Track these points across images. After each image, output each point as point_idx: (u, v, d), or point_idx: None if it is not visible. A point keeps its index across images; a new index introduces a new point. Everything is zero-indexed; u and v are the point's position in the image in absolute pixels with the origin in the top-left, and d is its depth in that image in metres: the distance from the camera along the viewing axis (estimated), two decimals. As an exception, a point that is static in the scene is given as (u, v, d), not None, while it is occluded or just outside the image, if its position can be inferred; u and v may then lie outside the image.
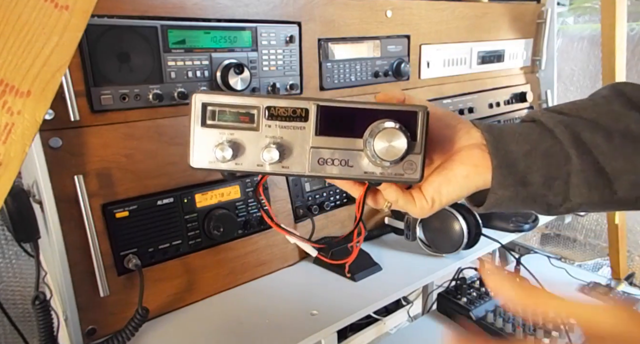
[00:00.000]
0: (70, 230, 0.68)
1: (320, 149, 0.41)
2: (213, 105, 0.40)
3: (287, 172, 0.41)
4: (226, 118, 0.40)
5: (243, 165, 0.41)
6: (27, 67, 0.48)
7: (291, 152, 0.41)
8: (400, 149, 0.39)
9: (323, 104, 0.40)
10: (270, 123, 0.40)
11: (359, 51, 1.03)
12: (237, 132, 0.40)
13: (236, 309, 0.81)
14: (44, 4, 0.47)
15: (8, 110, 0.48)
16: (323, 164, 0.41)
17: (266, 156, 0.40)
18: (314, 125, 0.40)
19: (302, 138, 0.40)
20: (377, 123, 0.39)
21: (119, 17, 0.71)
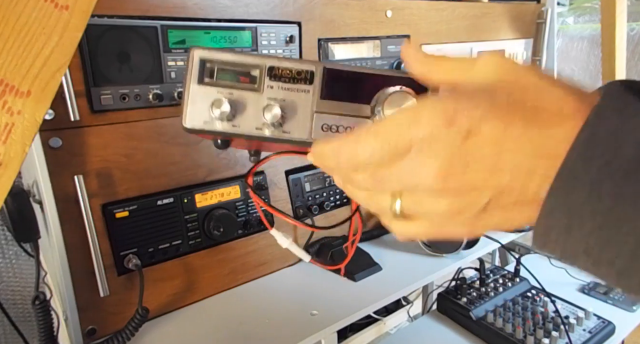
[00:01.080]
0: (70, 230, 0.68)
1: (324, 114, 0.38)
2: (212, 62, 0.37)
3: (288, 138, 0.38)
4: (225, 77, 0.37)
5: (241, 127, 0.38)
6: (27, 67, 0.48)
7: (293, 116, 0.38)
8: None
9: (330, 66, 0.38)
10: (273, 84, 0.38)
11: (359, 51, 1.03)
12: (236, 92, 0.37)
13: (236, 309, 0.81)
14: (44, 4, 0.47)
15: (8, 110, 0.48)
16: (327, 130, 0.38)
17: (268, 115, 0.37)
18: (319, 88, 0.38)
19: (305, 102, 0.38)
20: (386, 88, 0.38)
21: (119, 17, 0.71)
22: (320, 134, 0.38)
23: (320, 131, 0.38)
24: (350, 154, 0.30)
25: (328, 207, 0.99)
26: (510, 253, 1.22)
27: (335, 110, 0.38)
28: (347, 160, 0.31)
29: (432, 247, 0.97)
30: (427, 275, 0.91)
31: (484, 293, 1.17)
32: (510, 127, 0.26)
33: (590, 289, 1.31)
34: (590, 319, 1.12)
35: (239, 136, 0.38)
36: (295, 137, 0.38)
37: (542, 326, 1.06)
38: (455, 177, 0.27)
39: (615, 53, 1.32)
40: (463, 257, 0.98)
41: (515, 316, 1.09)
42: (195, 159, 0.81)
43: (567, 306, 1.17)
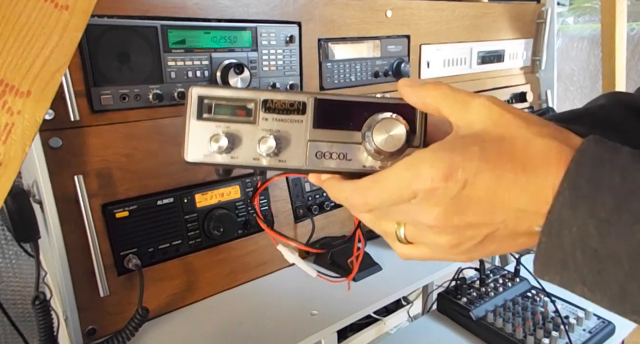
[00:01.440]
0: (70, 230, 0.68)
1: (318, 142, 0.40)
2: (209, 98, 0.39)
3: (284, 167, 0.40)
4: (223, 111, 0.39)
5: (239, 159, 0.40)
6: (27, 67, 0.48)
7: (288, 145, 0.40)
8: (400, 137, 0.38)
9: (320, 97, 0.40)
10: (267, 116, 0.40)
11: (359, 51, 1.03)
12: (233, 125, 0.40)
13: (236, 309, 0.81)
14: (44, 4, 0.47)
15: (8, 110, 0.48)
16: (321, 157, 0.40)
17: (263, 147, 0.39)
18: (311, 118, 0.40)
19: (299, 131, 0.40)
20: (376, 115, 0.39)
21: (119, 17, 0.71)
22: (314, 161, 0.40)
23: (315, 158, 0.40)
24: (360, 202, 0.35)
25: (328, 207, 0.99)
26: (510, 253, 1.22)
27: (327, 138, 0.40)
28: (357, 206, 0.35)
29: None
30: (427, 275, 0.91)
31: (484, 293, 1.17)
32: (502, 178, 0.29)
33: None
34: (590, 319, 1.12)
35: (237, 166, 0.40)
36: (291, 166, 0.40)
37: (542, 326, 1.06)
38: (453, 220, 0.31)
39: (615, 53, 1.32)
40: (463, 257, 0.98)
41: (515, 316, 1.09)
42: (195, 159, 0.81)
43: (567, 306, 1.17)
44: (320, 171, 0.41)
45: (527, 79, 1.49)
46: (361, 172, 0.41)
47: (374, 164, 0.40)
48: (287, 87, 0.91)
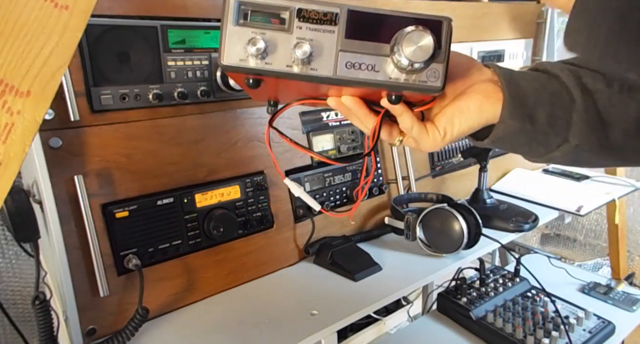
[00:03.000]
0: (70, 230, 0.68)
1: (348, 52, 0.41)
2: (246, 4, 0.40)
3: (315, 75, 0.42)
4: (258, 19, 0.41)
5: (273, 64, 0.41)
6: (27, 67, 0.48)
7: (320, 54, 0.41)
8: (428, 48, 0.40)
9: (353, 8, 0.41)
10: (301, 25, 0.41)
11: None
12: (268, 32, 0.41)
13: (236, 309, 0.81)
14: (44, 4, 0.47)
15: (8, 110, 0.48)
16: (350, 67, 0.42)
17: (298, 52, 0.40)
18: (343, 28, 0.41)
19: (331, 41, 0.41)
20: (404, 28, 0.40)
21: (119, 17, 0.71)
22: (344, 71, 0.42)
23: (344, 68, 0.42)
24: None
25: (328, 207, 0.99)
26: (510, 253, 1.22)
27: (358, 49, 0.42)
28: None
29: (432, 247, 0.97)
30: (427, 275, 0.91)
31: (484, 293, 1.17)
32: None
33: (590, 289, 1.31)
34: (590, 319, 1.12)
35: (270, 73, 0.42)
36: (322, 74, 0.42)
37: (542, 326, 1.06)
38: None
39: (615, 53, 1.32)
40: (463, 257, 0.98)
41: (515, 316, 1.09)
42: (195, 159, 0.81)
43: (567, 306, 1.17)
44: (348, 80, 0.42)
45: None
46: (387, 84, 0.43)
47: (399, 77, 0.42)
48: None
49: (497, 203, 1.15)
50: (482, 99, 0.46)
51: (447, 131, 0.47)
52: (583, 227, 2.10)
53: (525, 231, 1.09)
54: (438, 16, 0.42)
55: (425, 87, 0.42)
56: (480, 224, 0.95)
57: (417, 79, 0.42)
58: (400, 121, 0.47)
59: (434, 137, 0.47)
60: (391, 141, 0.50)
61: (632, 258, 1.90)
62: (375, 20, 0.41)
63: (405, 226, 0.98)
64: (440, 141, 0.47)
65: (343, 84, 0.43)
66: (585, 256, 2.11)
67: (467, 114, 0.46)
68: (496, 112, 0.46)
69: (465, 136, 0.49)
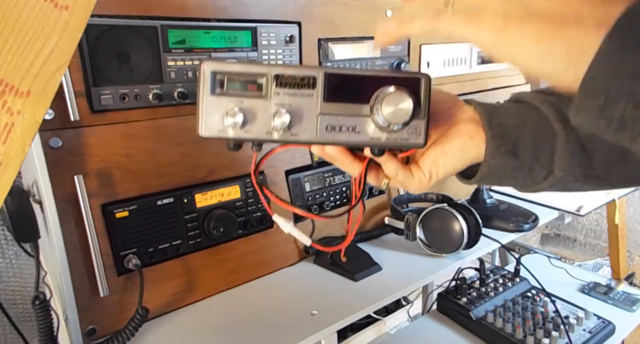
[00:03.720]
0: (70, 230, 0.68)
1: (328, 115, 0.41)
2: (222, 73, 0.40)
3: (296, 140, 0.42)
4: (235, 86, 0.40)
5: (252, 133, 0.41)
6: (27, 67, 0.48)
7: (300, 120, 0.41)
8: (407, 110, 0.40)
9: (330, 71, 0.41)
10: (279, 91, 0.40)
11: (359, 51, 1.03)
12: (246, 100, 0.40)
13: (236, 309, 0.81)
14: (44, 4, 0.47)
15: (8, 110, 0.48)
16: (331, 130, 0.42)
17: (277, 121, 0.40)
18: (321, 92, 0.41)
19: (310, 105, 0.41)
20: (384, 88, 0.40)
21: (119, 17, 0.71)
22: (325, 134, 0.42)
23: (325, 131, 0.42)
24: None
25: (328, 207, 0.99)
26: (510, 253, 1.22)
27: (337, 111, 0.41)
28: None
29: (432, 247, 0.97)
30: (427, 275, 0.91)
31: (484, 293, 1.17)
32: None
33: (590, 289, 1.31)
34: (590, 319, 1.12)
35: (250, 140, 0.41)
36: (303, 139, 0.42)
37: (542, 326, 1.06)
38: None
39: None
40: (463, 257, 0.98)
41: (515, 316, 1.09)
42: (195, 159, 0.81)
43: (567, 306, 1.17)
44: (330, 143, 0.42)
45: (527, 79, 1.49)
46: (368, 144, 0.43)
47: (380, 136, 0.42)
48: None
49: (497, 203, 1.16)
50: (465, 141, 0.46)
51: (432, 174, 0.47)
52: (583, 227, 2.10)
53: (525, 231, 1.09)
54: (416, 73, 0.42)
55: (407, 144, 0.42)
56: (480, 224, 0.95)
57: (398, 137, 0.42)
58: (384, 167, 0.47)
59: (419, 180, 0.47)
60: (378, 185, 0.50)
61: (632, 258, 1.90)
62: (353, 82, 0.41)
63: (405, 226, 0.98)
64: (427, 183, 0.48)
65: (325, 145, 0.43)
66: (585, 256, 2.11)
67: (451, 156, 0.46)
68: (480, 152, 0.46)
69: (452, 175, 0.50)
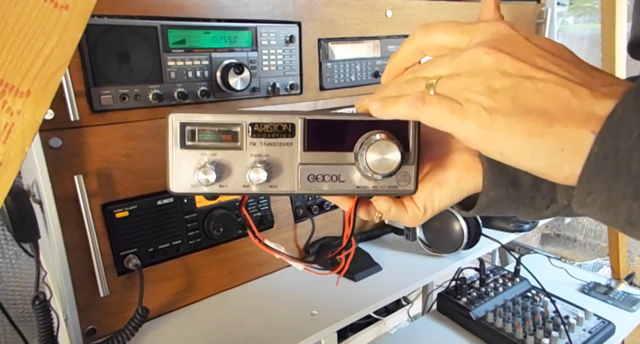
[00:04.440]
0: (70, 230, 0.68)
1: (309, 165, 0.38)
2: (192, 124, 0.37)
3: (275, 192, 0.39)
4: (207, 138, 0.37)
5: (228, 187, 0.38)
6: (27, 67, 0.48)
7: (279, 171, 0.38)
8: (394, 161, 0.37)
9: (310, 117, 0.38)
10: (255, 140, 0.37)
11: (359, 51, 1.03)
12: (219, 152, 0.37)
13: (236, 309, 0.81)
14: (44, 4, 0.47)
15: (8, 110, 0.48)
16: (313, 180, 0.39)
17: (253, 177, 0.37)
18: (301, 140, 0.38)
19: (289, 155, 0.38)
20: (368, 135, 0.38)
21: (119, 17, 0.71)
22: (306, 184, 0.39)
23: (307, 182, 0.39)
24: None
25: (328, 207, 0.99)
26: (510, 253, 1.22)
27: (319, 160, 0.38)
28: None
29: (432, 247, 0.97)
30: (427, 275, 0.91)
31: (484, 293, 1.17)
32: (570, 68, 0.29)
33: (590, 289, 1.31)
34: (590, 319, 1.12)
35: (226, 194, 0.39)
36: (283, 191, 0.39)
37: (542, 326, 1.06)
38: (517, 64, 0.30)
39: (615, 53, 1.32)
40: (463, 257, 0.98)
41: (515, 316, 1.09)
42: (195, 159, 0.81)
43: (567, 306, 1.17)
44: (313, 193, 0.40)
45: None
46: (354, 193, 0.40)
47: (367, 184, 0.39)
48: (287, 87, 0.91)
49: (497, 203, 1.15)
50: (461, 172, 0.43)
51: (427, 207, 0.44)
52: (583, 227, 2.10)
53: (525, 231, 1.09)
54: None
55: (396, 192, 0.40)
56: (480, 224, 0.95)
57: (386, 185, 0.39)
58: (375, 205, 0.45)
59: (414, 215, 0.44)
60: (370, 219, 0.47)
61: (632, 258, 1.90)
62: (334, 128, 0.38)
63: (405, 226, 0.98)
64: (422, 217, 0.45)
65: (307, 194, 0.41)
66: (585, 256, 2.11)
67: (447, 189, 0.43)
68: (477, 183, 0.43)
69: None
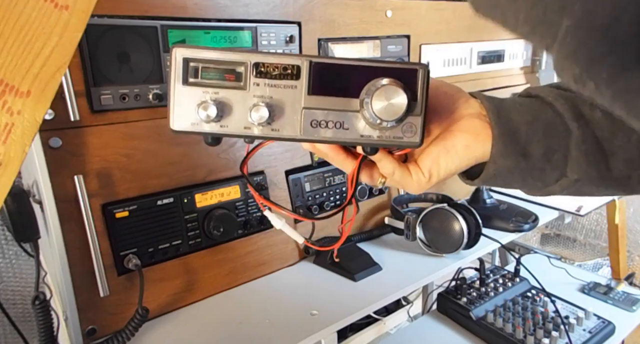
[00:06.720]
0: (70, 230, 0.68)
1: (313, 110, 0.37)
2: (195, 61, 0.36)
3: (277, 136, 0.38)
4: (210, 76, 0.36)
5: (229, 127, 0.37)
6: (27, 67, 0.48)
7: (282, 114, 0.37)
8: (401, 106, 0.36)
9: (316, 60, 0.37)
10: (259, 81, 0.36)
11: (359, 51, 1.03)
12: (222, 91, 0.37)
13: (236, 309, 0.81)
14: (44, 4, 0.47)
15: (8, 110, 0.48)
16: (316, 126, 0.38)
17: (254, 116, 0.36)
18: (306, 83, 0.37)
19: (293, 98, 0.37)
20: (375, 80, 0.36)
21: (119, 17, 0.71)
22: (310, 130, 0.38)
23: (310, 127, 0.38)
24: None
25: (328, 207, 0.99)
26: (510, 253, 1.22)
27: (324, 105, 0.37)
28: None
29: (432, 247, 0.97)
30: (427, 275, 0.91)
31: (484, 293, 1.17)
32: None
33: (590, 289, 1.31)
34: (590, 319, 1.12)
35: (227, 136, 0.38)
36: (285, 135, 0.38)
37: (542, 326, 1.06)
38: None
39: None
40: (463, 257, 0.98)
41: (515, 316, 1.09)
42: (195, 159, 0.81)
43: (567, 306, 1.17)
44: (315, 140, 0.39)
45: (528, 79, 1.49)
46: (358, 142, 0.39)
47: (371, 133, 0.38)
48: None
49: (497, 203, 1.16)
50: (470, 138, 0.42)
51: (432, 173, 0.43)
52: (583, 227, 2.10)
53: (525, 231, 1.09)
54: (413, 64, 0.38)
55: (401, 143, 0.39)
56: (480, 224, 0.95)
57: (391, 135, 0.38)
58: (380, 166, 0.44)
59: (418, 180, 0.43)
60: (373, 184, 0.46)
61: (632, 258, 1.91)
62: (341, 73, 0.37)
63: (405, 226, 0.98)
64: (426, 183, 0.44)
65: (310, 142, 0.39)
66: (585, 256, 2.11)
67: (454, 155, 0.42)
68: (486, 151, 0.42)
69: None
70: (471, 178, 0.46)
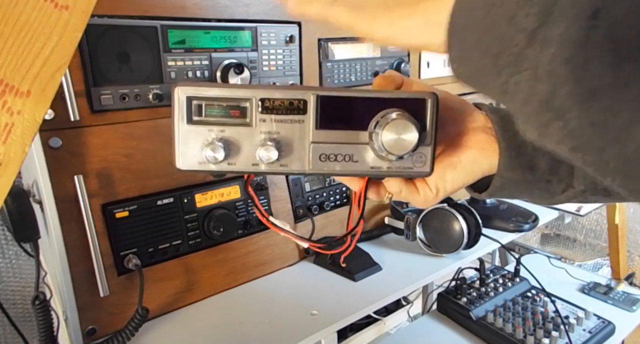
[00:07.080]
0: (70, 230, 0.68)
1: (321, 144, 0.37)
2: (199, 99, 0.35)
3: (286, 171, 0.37)
4: (215, 113, 0.36)
5: (236, 165, 0.36)
6: (27, 67, 0.48)
7: (290, 149, 0.36)
8: (411, 141, 0.35)
9: (323, 93, 0.36)
10: (265, 117, 0.36)
11: (359, 51, 1.03)
12: (227, 128, 0.36)
13: (236, 309, 0.81)
14: (44, 4, 0.47)
15: (8, 110, 0.48)
16: (325, 160, 0.37)
17: (263, 155, 0.36)
18: (313, 118, 0.36)
19: (301, 133, 0.36)
20: (384, 113, 0.36)
21: (119, 17, 0.71)
22: (318, 164, 0.37)
23: (319, 161, 0.37)
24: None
25: (328, 207, 0.99)
26: (510, 253, 1.22)
27: (332, 139, 0.37)
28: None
29: (432, 247, 0.97)
30: (427, 275, 0.91)
31: (484, 293, 1.17)
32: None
33: (590, 289, 1.31)
34: (590, 319, 1.12)
35: (234, 172, 0.37)
36: (294, 170, 0.37)
37: (542, 326, 1.06)
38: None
39: None
40: (463, 257, 0.98)
41: (515, 316, 1.09)
42: (195, 159, 0.81)
43: (567, 306, 1.17)
44: (324, 173, 0.38)
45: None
46: (368, 174, 0.39)
47: (381, 165, 0.38)
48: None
49: (497, 203, 1.16)
50: (476, 153, 0.42)
51: (439, 189, 0.43)
52: (583, 227, 2.10)
53: (525, 231, 1.09)
54: (421, 93, 0.37)
55: (412, 173, 0.38)
56: (480, 224, 0.95)
57: (401, 166, 0.38)
58: (386, 185, 0.44)
59: (425, 196, 0.43)
60: (380, 200, 0.46)
61: (632, 258, 1.91)
62: (348, 105, 0.36)
63: (405, 226, 0.98)
64: (433, 198, 0.44)
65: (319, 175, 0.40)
66: (585, 256, 2.11)
67: (460, 170, 0.42)
68: (492, 164, 0.42)
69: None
70: (478, 190, 0.46)
